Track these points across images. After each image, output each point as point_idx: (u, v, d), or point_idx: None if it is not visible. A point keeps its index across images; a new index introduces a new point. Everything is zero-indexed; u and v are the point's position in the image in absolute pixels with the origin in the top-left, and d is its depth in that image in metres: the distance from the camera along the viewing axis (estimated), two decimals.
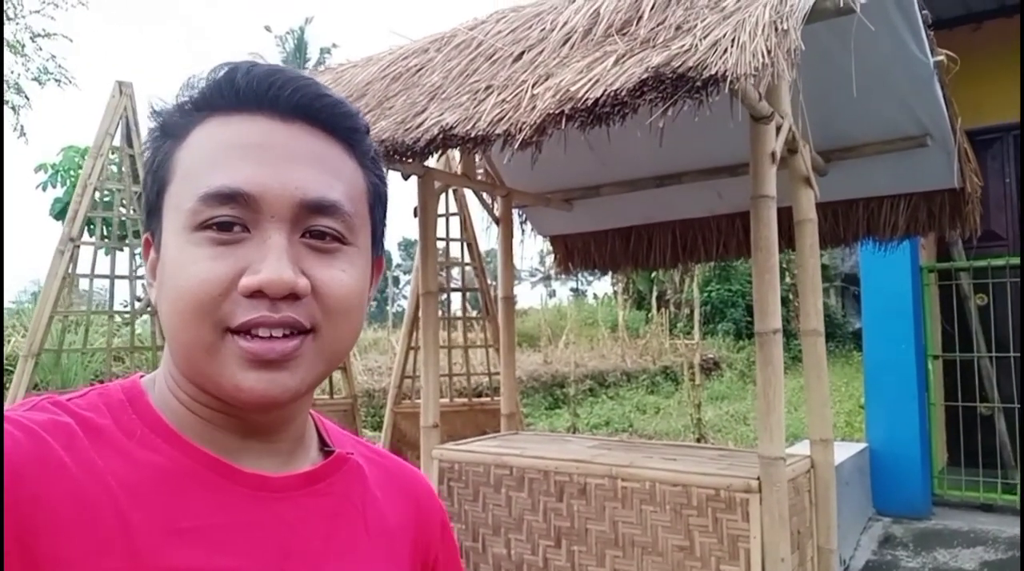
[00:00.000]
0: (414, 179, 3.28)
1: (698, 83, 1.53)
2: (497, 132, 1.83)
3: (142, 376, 0.69)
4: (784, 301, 17.02)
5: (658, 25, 1.88)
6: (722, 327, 16.37)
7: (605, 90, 1.63)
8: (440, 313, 5.38)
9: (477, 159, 4.00)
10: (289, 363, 0.61)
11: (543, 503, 2.96)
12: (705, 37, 1.64)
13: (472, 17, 3.13)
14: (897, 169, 3.48)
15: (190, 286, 0.60)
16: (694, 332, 7.42)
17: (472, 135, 1.88)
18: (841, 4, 1.85)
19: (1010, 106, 5.68)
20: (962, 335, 5.60)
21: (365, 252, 0.69)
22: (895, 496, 5.08)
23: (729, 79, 1.51)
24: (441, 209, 4.64)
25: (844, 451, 5.04)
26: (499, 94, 1.95)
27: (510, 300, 3.90)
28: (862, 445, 5.25)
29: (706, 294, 16.77)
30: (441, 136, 1.95)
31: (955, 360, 5.56)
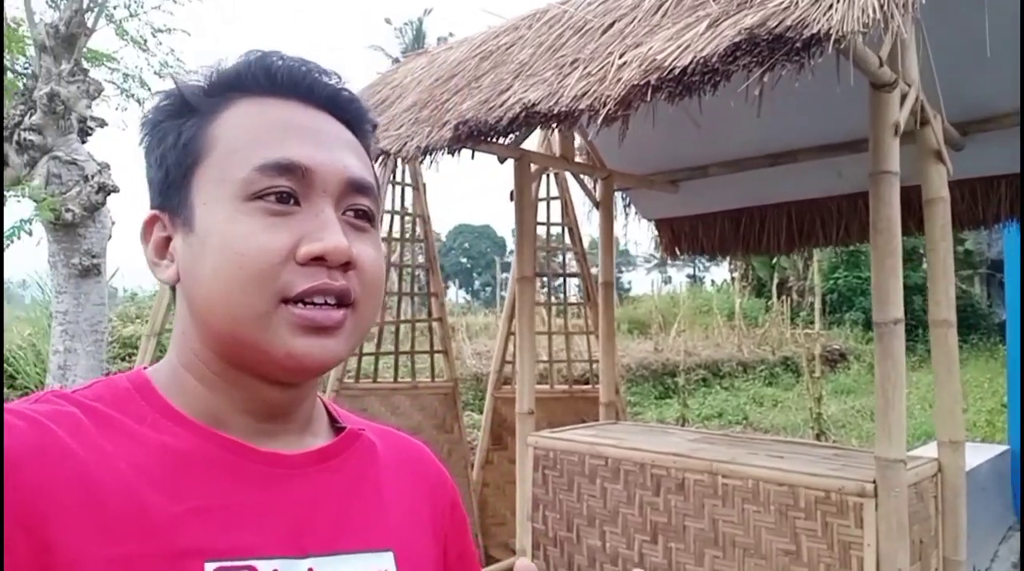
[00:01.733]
0: (510, 162, 3.22)
1: (798, 44, 1.37)
2: (580, 107, 1.73)
3: (145, 368, 0.69)
4: (921, 289, 15.83)
5: None
6: (850, 316, 15.46)
7: (694, 57, 1.50)
8: (543, 298, 5.32)
9: (577, 140, 3.90)
10: (338, 331, 0.63)
11: (639, 496, 2.85)
12: None
13: None
14: None
15: (250, 255, 0.60)
16: (815, 321, 6.98)
17: (555, 112, 1.79)
18: None
19: None
20: None
21: (379, 236, 0.73)
22: None
23: (833, 38, 1.35)
24: (543, 193, 4.56)
25: (982, 453, 4.60)
26: (585, 67, 1.85)
27: (610, 285, 3.79)
28: (1003, 447, 4.77)
29: (832, 281, 15.87)
30: (523, 114, 1.87)
31: None
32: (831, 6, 1.39)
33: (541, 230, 4.70)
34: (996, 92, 3.04)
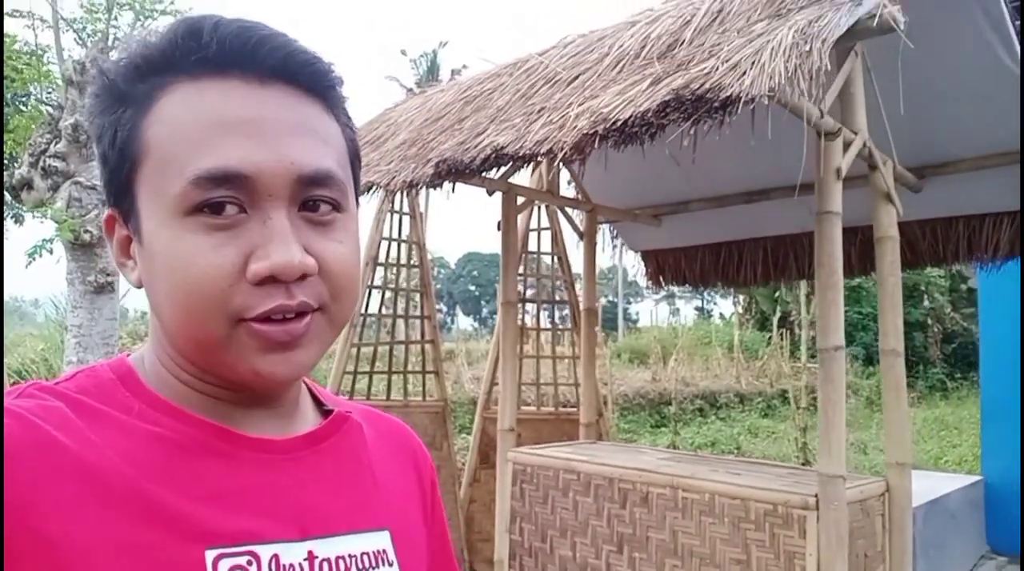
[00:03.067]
0: (498, 195, 3.47)
1: (716, 104, 1.60)
2: (541, 151, 1.97)
3: (128, 355, 0.68)
4: (922, 326, 15.90)
5: (696, 49, 1.95)
6: (851, 351, 15.51)
7: (633, 111, 1.74)
8: (531, 324, 5.54)
9: (568, 175, 4.15)
10: (302, 341, 0.60)
11: (607, 509, 3.04)
12: (728, 60, 1.72)
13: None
14: (998, 185, 3.31)
15: (198, 281, 0.57)
16: (802, 354, 7.17)
17: (520, 154, 2.03)
18: (875, 24, 1.86)
19: None
20: None
21: (354, 213, 0.67)
22: (1012, 535, 4.71)
23: (743, 100, 1.58)
24: (534, 224, 4.81)
25: (954, 482, 4.75)
26: (548, 115, 2.10)
27: (592, 312, 4.00)
28: (976, 478, 4.92)
29: None
30: (493, 155, 2.12)
31: None
32: (744, 72, 1.63)
33: (536, 259, 4.94)
34: (950, 139, 3.28)
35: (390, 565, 0.67)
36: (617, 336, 19.91)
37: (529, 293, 5.12)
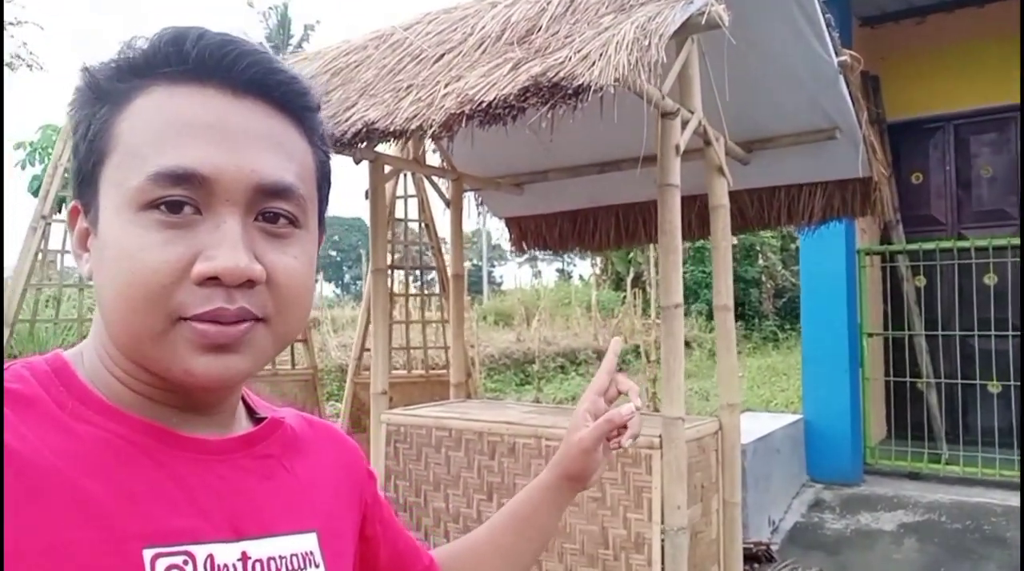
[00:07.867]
0: (366, 163, 3.53)
1: (569, 91, 1.80)
2: (412, 128, 2.10)
3: (64, 350, 0.68)
4: (757, 283, 17.31)
5: (551, 36, 2.15)
6: (695, 308, 16.68)
7: (497, 94, 1.91)
8: (401, 290, 5.65)
9: (431, 146, 4.26)
10: (240, 346, 0.62)
11: (477, 461, 3.27)
12: (579, 51, 1.92)
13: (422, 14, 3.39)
14: (811, 159, 3.78)
15: (142, 274, 0.58)
16: (650, 311, 7.76)
17: (391, 130, 2.15)
18: (703, 21, 2.12)
19: (952, 96, 6.01)
20: (901, 314, 5.92)
21: (314, 234, 0.70)
22: (827, 464, 5.43)
23: (592, 88, 1.79)
24: (401, 191, 4.90)
25: (778, 421, 5.39)
26: (416, 93, 2.22)
27: (460, 277, 4.18)
28: (797, 416, 5.59)
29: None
30: (365, 130, 2.22)
31: (891, 338, 5.90)
32: (594, 63, 1.83)
33: (403, 226, 5.04)
34: (772, 119, 3.68)
35: (316, 566, 0.70)
36: (483, 299, 20.31)
37: (397, 260, 5.22)
